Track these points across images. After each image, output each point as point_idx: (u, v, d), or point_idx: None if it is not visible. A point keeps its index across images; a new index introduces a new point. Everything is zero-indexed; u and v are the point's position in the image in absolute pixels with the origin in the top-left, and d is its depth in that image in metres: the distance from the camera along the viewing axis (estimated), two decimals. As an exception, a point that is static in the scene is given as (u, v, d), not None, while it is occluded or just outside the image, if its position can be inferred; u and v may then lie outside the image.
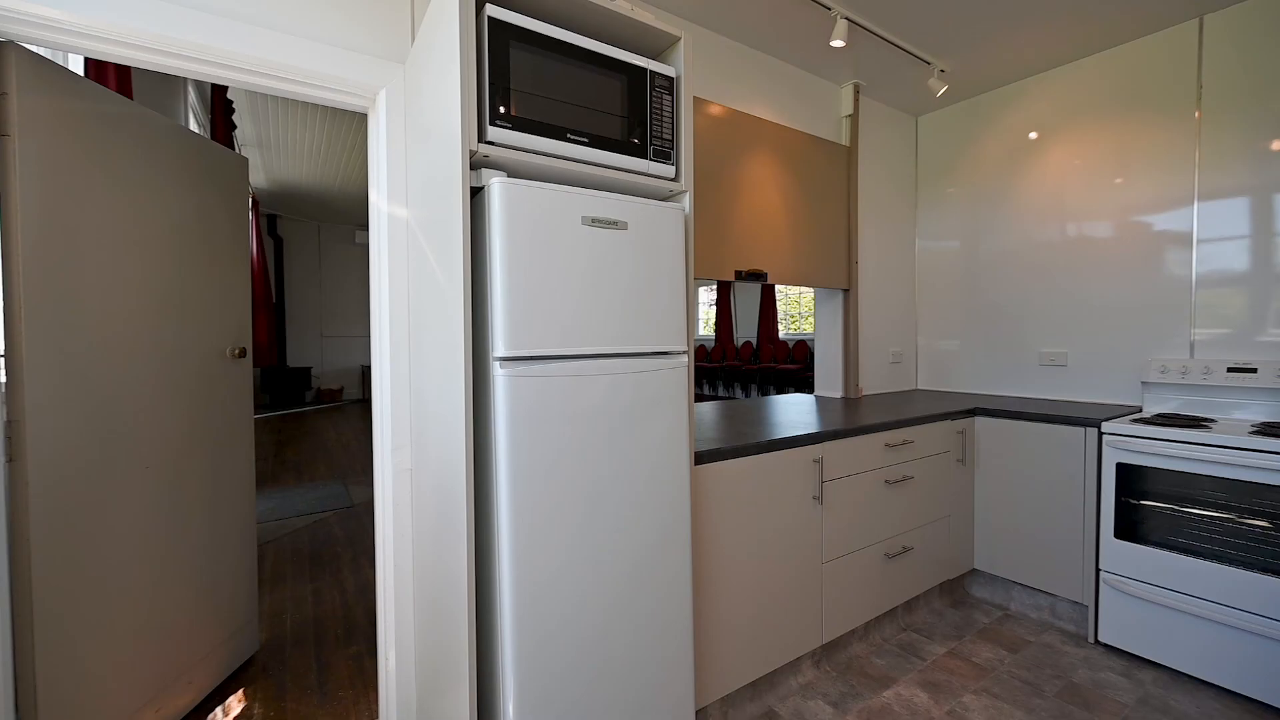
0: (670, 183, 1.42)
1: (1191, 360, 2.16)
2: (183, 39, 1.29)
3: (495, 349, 1.12)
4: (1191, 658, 1.81)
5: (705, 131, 2.18)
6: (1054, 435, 2.14)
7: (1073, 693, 1.77)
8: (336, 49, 1.47)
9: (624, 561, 1.28)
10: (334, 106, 1.57)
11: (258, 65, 1.39)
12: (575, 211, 1.21)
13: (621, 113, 1.33)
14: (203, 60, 1.34)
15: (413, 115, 1.49)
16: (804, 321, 8.86)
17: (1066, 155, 2.54)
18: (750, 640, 1.66)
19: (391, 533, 1.57)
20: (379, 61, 1.54)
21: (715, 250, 2.22)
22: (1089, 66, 2.46)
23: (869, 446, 1.96)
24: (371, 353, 1.62)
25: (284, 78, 1.43)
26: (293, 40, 1.41)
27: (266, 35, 1.38)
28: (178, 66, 1.33)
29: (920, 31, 2.26)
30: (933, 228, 3.06)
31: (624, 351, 1.29)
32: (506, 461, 1.12)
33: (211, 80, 1.40)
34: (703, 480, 1.53)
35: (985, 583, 2.41)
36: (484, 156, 1.15)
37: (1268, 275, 2.04)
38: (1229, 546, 1.76)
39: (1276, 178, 2.01)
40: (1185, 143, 2.21)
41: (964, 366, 2.94)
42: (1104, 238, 2.44)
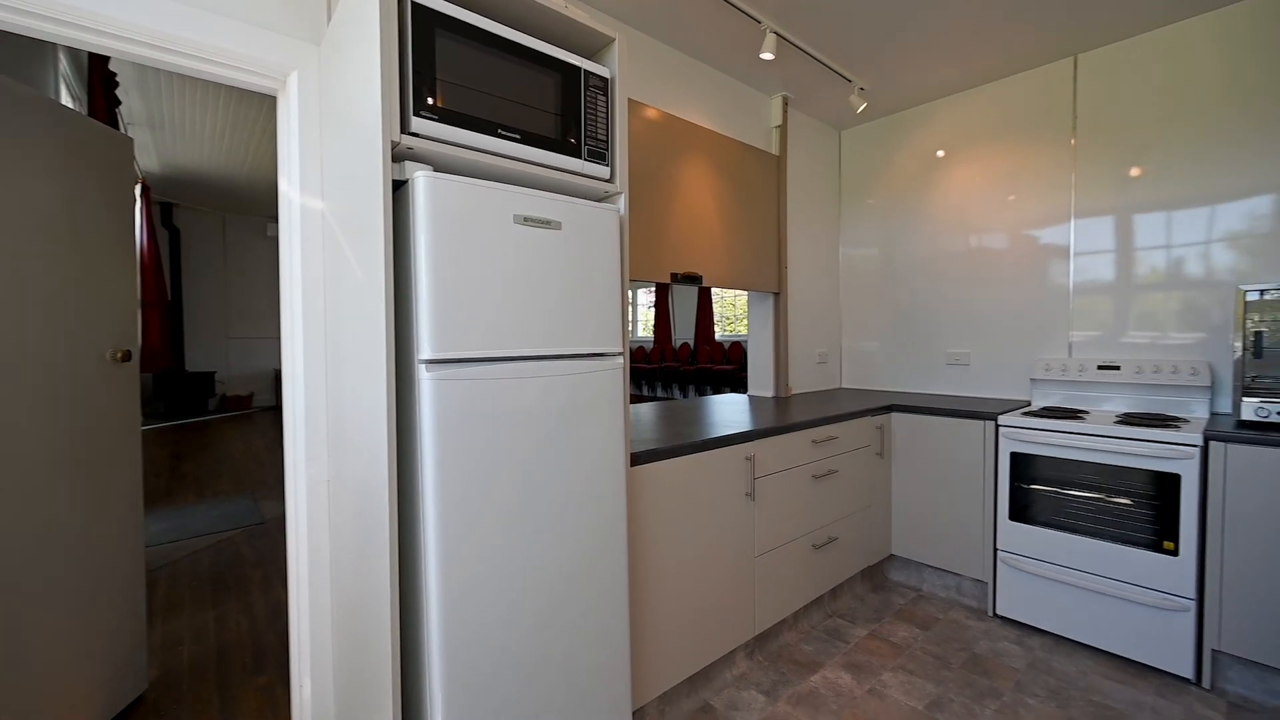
0: (605, 184, 1.42)
1: (1070, 359, 2.42)
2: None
3: (420, 351, 1.07)
4: (1071, 623, 2.03)
5: (641, 134, 2.20)
6: (959, 428, 2.33)
7: (975, 663, 1.93)
8: (241, 24, 1.36)
9: (560, 567, 1.26)
10: (238, 87, 1.44)
11: (144, 35, 1.25)
12: (506, 209, 1.18)
13: (555, 111, 1.31)
14: (75, 25, 1.19)
15: (329, 100, 1.39)
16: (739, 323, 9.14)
17: (968, 173, 2.78)
18: (687, 637, 1.68)
19: (306, 549, 1.46)
20: (290, 41, 1.43)
21: (651, 252, 2.24)
22: (986, 93, 2.71)
23: (797, 443, 2.05)
24: (282, 355, 1.50)
25: (176, 51, 1.29)
26: (189, 10, 1.28)
27: (155, 1, 1.25)
28: (40, 29, 1.17)
29: (842, 50, 2.39)
30: (855, 236, 3.25)
31: (558, 353, 1.27)
32: (433, 469, 1.07)
33: (86, 48, 1.24)
34: (640, 481, 1.54)
35: (902, 566, 2.59)
36: (407, 149, 1.10)
37: (1129, 285, 2.33)
38: (1100, 523, 1.98)
39: (1135, 200, 2.30)
40: (1063, 166, 2.48)
41: (883, 366, 3.14)
42: (1000, 249, 2.69)
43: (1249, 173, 2.06)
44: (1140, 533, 1.89)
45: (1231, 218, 2.10)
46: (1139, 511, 1.90)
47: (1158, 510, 1.86)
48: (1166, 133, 2.22)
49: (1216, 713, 1.68)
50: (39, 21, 1.16)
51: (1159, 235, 2.25)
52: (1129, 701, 1.73)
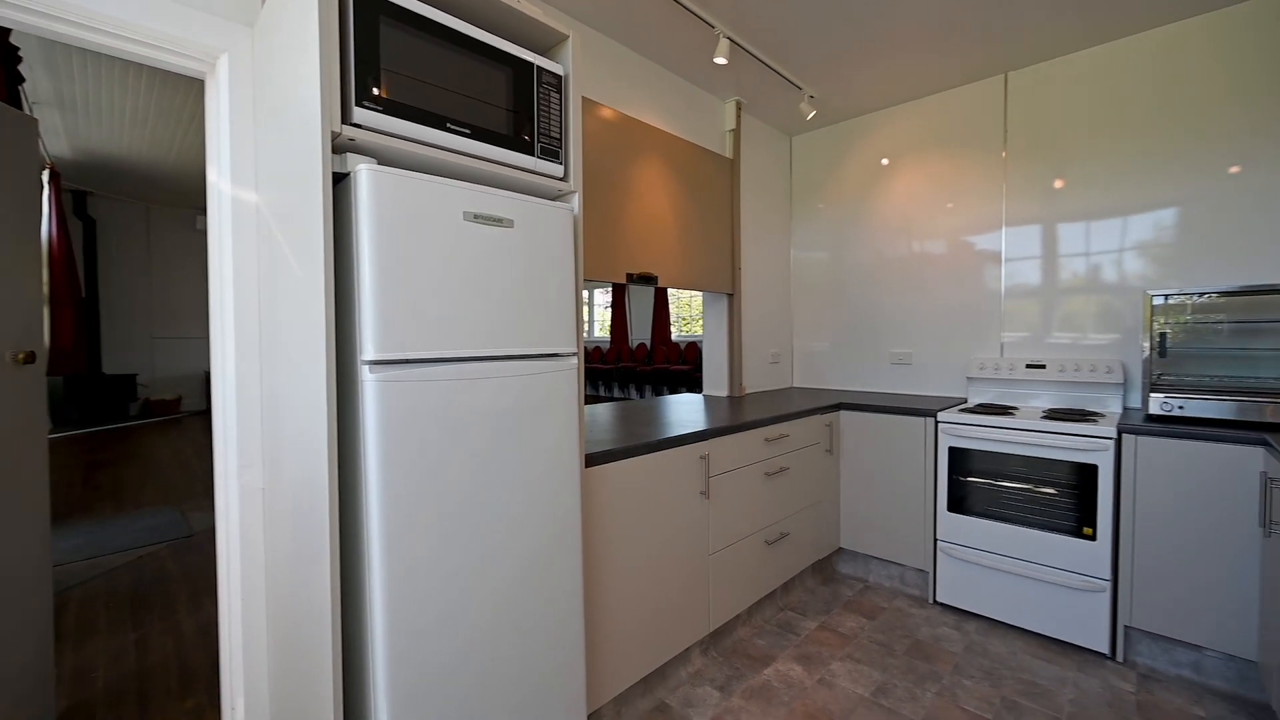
0: (559, 182, 1.40)
1: (1002, 358, 2.57)
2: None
3: (364, 352, 1.03)
4: (1004, 607, 2.16)
5: (596, 133, 2.19)
6: (902, 425, 2.44)
7: (917, 649, 2.03)
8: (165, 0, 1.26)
9: (512, 571, 1.23)
10: (161, 68, 1.34)
11: (51, 7, 1.14)
12: (456, 206, 1.14)
13: (507, 106, 1.28)
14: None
15: (264, 86, 1.31)
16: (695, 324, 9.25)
17: (911, 181, 2.92)
18: (643, 637, 1.68)
19: (238, 561, 1.38)
20: (220, 21, 1.34)
21: (607, 252, 2.23)
22: (926, 106, 2.84)
23: (751, 441, 2.09)
24: (212, 356, 1.40)
25: (90, 26, 1.19)
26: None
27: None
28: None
29: (792, 59, 2.46)
30: (805, 239, 3.35)
31: (510, 354, 1.25)
32: (378, 474, 1.03)
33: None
34: (595, 482, 1.53)
35: (850, 559, 2.68)
36: (349, 140, 1.05)
37: (1054, 289, 2.50)
38: (1029, 512, 2.12)
39: (1059, 211, 2.47)
40: (995, 177, 2.64)
41: (832, 365, 3.25)
42: (939, 254, 2.83)
43: (1156, 187, 2.25)
44: (1064, 520, 2.04)
45: (1141, 228, 2.29)
46: (1062, 500, 2.04)
47: (1079, 499, 2.00)
48: (1085, 148, 2.40)
49: (1128, 684, 1.82)
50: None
51: (1079, 243, 2.43)
52: (1054, 678, 1.85)
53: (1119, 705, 1.71)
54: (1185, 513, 1.80)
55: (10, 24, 1.14)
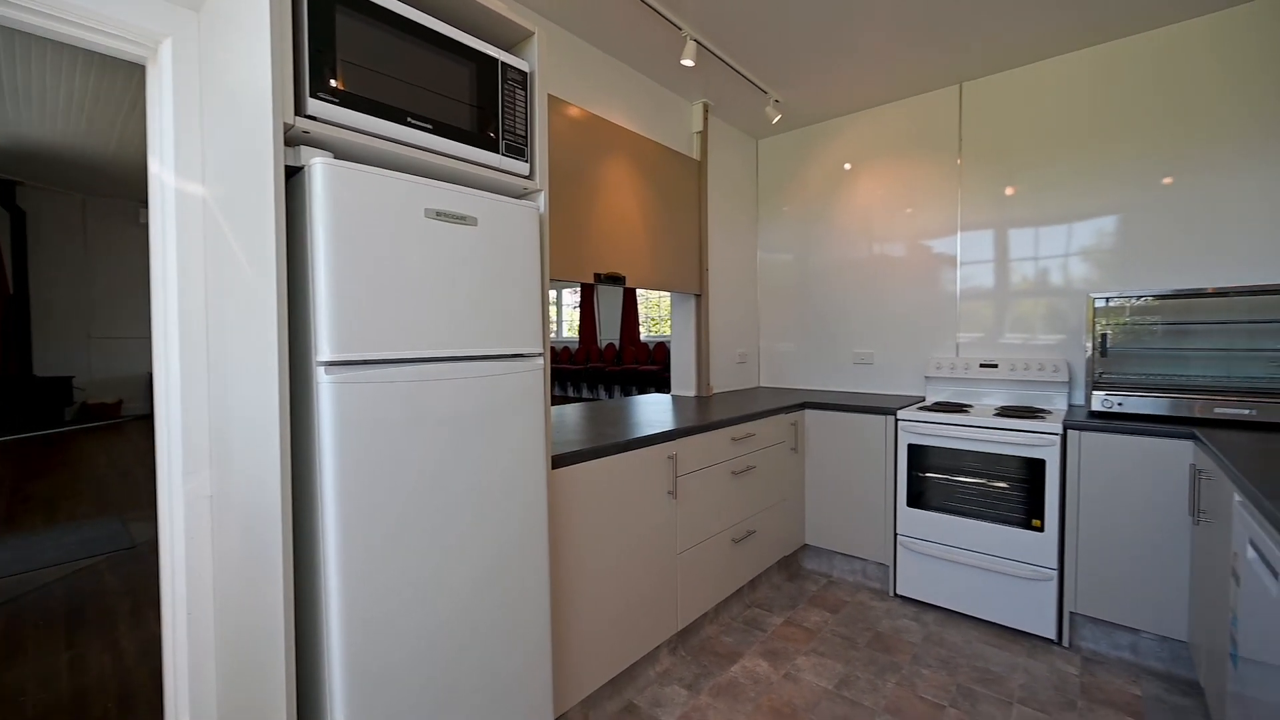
0: (524, 180, 1.39)
1: (957, 358, 2.67)
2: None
3: (319, 352, 0.99)
4: (959, 597, 2.24)
5: (563, 132, 2.17)
6: (864, 423, 2.50)
7: (878, 641, 2.08)
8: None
9: (477, 575, 1.21)
10: (97, 51, 1.26)
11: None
12: (417, 203, 1.11)
13: (471, 102, 1.26)
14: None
15: (211, 74, 1.25)
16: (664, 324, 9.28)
17: (872, 186, 3.00)
18: (611, 638, 1.68)
19: (184, 573, 1.31)
20: (163, 3, 1.27)
21: (574, 252, 2.22)
22: (886, 113, 2.93)
23: (718, 441, 2.11)
24: (154, 357, 1.33)
25: (17, 4, 1.11)
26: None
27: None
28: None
29: (758, 63, 2.50)
30: (771, 241, 3.40)
31: (474, 354, 1.22)
32: (334, 479, 0.99)
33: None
34: (561, 483, 1.52)
35: (814, 555, 2.74)
36: (303, 133, 1.01)
37: (1006, 292, 2.61)
38: (983, 505, 2.21)
39: (1010, 217, 2.59)
40: (951, 183, 2.74)
41: (797, 365, 3.31)
42: (899, 257, 2.92)
43: (1097, 196, 2.38)
44: (1015, 513, 2.13)
45: (1085, 234, 2.41)
46: (1014, 494, 2.14)
47: (1028, 492, 2.09)
48: (1034, 157, 2.52)
49: (1073, 667, 1.91)
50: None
51: (1029, 248, 2.54)
52: (1006, 664, 1.93)
53: (1064, 688, 1.80)
54: (1124, 503, 1.91)
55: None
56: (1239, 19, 2.08)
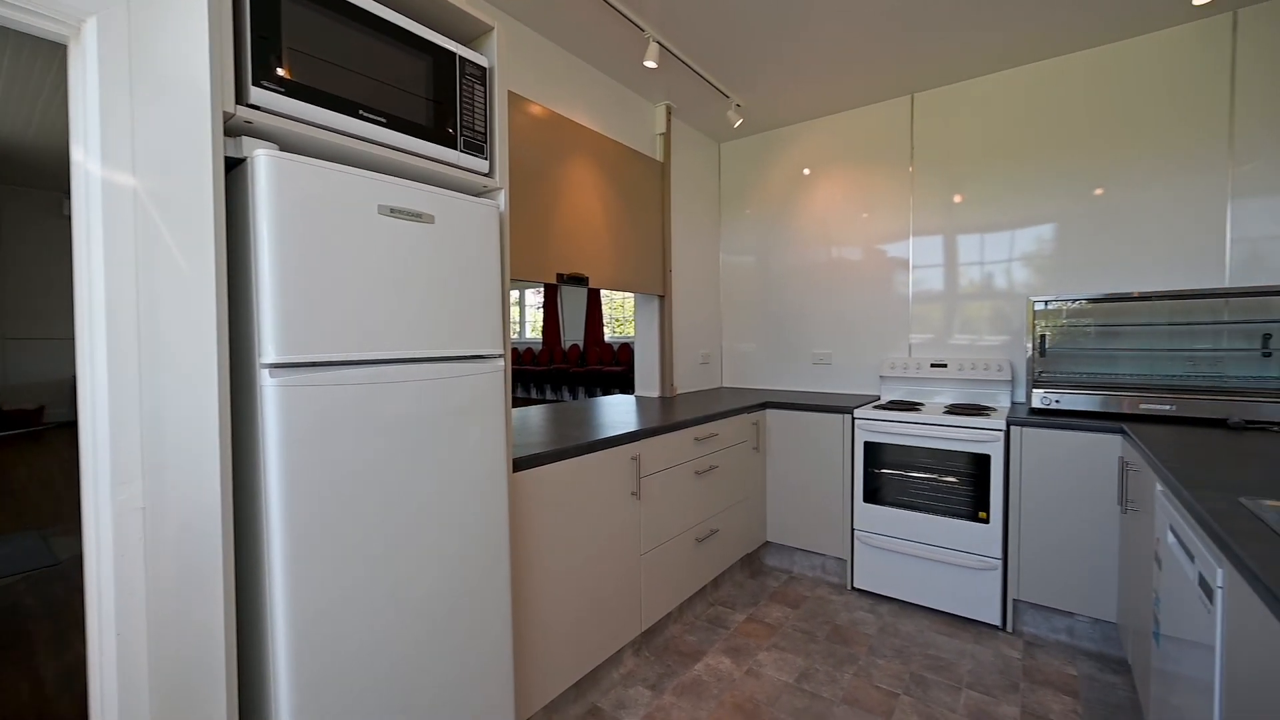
0: (484, 178, 1.36)
1: (910, 358, 2.78)
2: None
3: (264, 354, 0.94)
4: (912, 589, 2.33)
5: (525, 130, 2.14)
6: (823, 422, 2.57)
7: (837, 634, 2.14)
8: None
9: (435, 584, 1.18)
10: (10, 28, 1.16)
11: None
12: (370, 199, 1.07)
13: (428, 97, 1.22)
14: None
15: (143, 56, 1.17)
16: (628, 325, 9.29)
17: (830, 191, 3.08)
18: (574, 642, 1.66)
19: (113, 592, 1.21)
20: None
21: (536, 252, 2.19)
22: (843, 120, 3.01)
23: (681, 441, 2.12)
24: (78, 359, 1.23)
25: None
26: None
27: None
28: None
29: (720, 67, 2.52)
30: (733, 243, 3.45)
31: (432, 356, 1.19)
32: (281, 488, 0.95)
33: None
34: (523, 487, 1.49)
35: (776, 552, 2.79)
36: (245, 123, 0.96)
37: (955, 295, 2.73)
38: (934, 499, 2.30)
39: (958, 223, 2.70)
40: (903, 190, 2.84)
41: (759, 366, 3.37)
42: (856, 260, 3.01)
43: (1037, 205, 2.51)
44: (963, 506, 2.22)
45: (1026, 241, 2.55)
46: (962, 488, 2.23)
47: (975, 486, 2.19)
48: (979, 167, 2.64)
49: (1016, 651, 2.02)
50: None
51: (976, 253, 2.67)
52: (955, 651, 2.02)
53: (1008, 671, 1.89)
54: (1060, 495, 2.02)
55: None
56: (1160, 44, 2.24)
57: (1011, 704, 1.72)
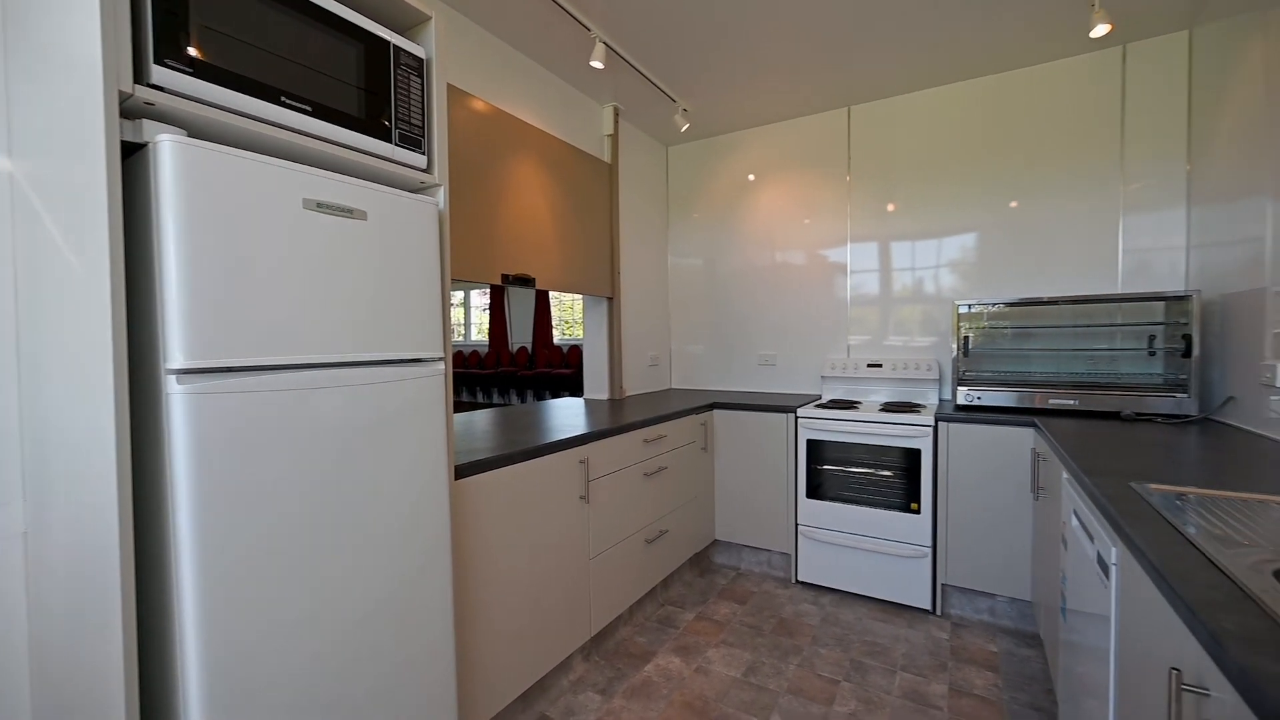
0: (422, 173, 1.30)
1: (848, 359, 2.90)
2: None
3: (169, 359, 0.86)
4: (852, 579, 2.43)
5: (468, 126, 2.07)
6: (768, 421, 2.64)
7: (782, 626, 2.20)
8: None
9: (371, 603, 1.11)
10: None
11: None
12: (294, 192, 1.00)
13: (360, 86, 1.16)
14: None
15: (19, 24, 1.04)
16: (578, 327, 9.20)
17: (774, 197, 3.17)
18: (521, 651, 1.62)
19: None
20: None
21: (481, 252, 2.12)
22: (786, 129, 3.11)
23: (630, 443, 2.12)
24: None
25: None
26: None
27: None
28: None
29: (667, 72, 2.54)
30: (681, 246, 3.48)
31: (366, 359, 1.13)
32: (191, 507, 0.87)
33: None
34: (467, 494, 1.44)
35: (724, 549, 2.84)
36: (146, 104, 0.87)
37: (889, 298, 2.87)
38: (871, 493, 2.41)
39: (891, 231, 2.85)
40: (841, 198, 2.97)
41: (707, 367, 3.42)
42: (798, 264, 3.11)
43: (960, 215, 2.68)
44: (897, 498, 2.34)
45: (951, 248, 2.71)
46: (896, 481, 2.35)
47: (908, 479, 2.32)
48: (910, 178, 2.79)
49: (944, 633, 2.14)
50: None
51: (907, 259, 2.82)
52: (890, 636, 2.12)
53: (937, 652, 2.01)
54: (981, 484, 2.17)
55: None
56: (1063, 71, 2.44)
57: (940, 682, 1.83)
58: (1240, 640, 0.58)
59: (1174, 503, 1.01)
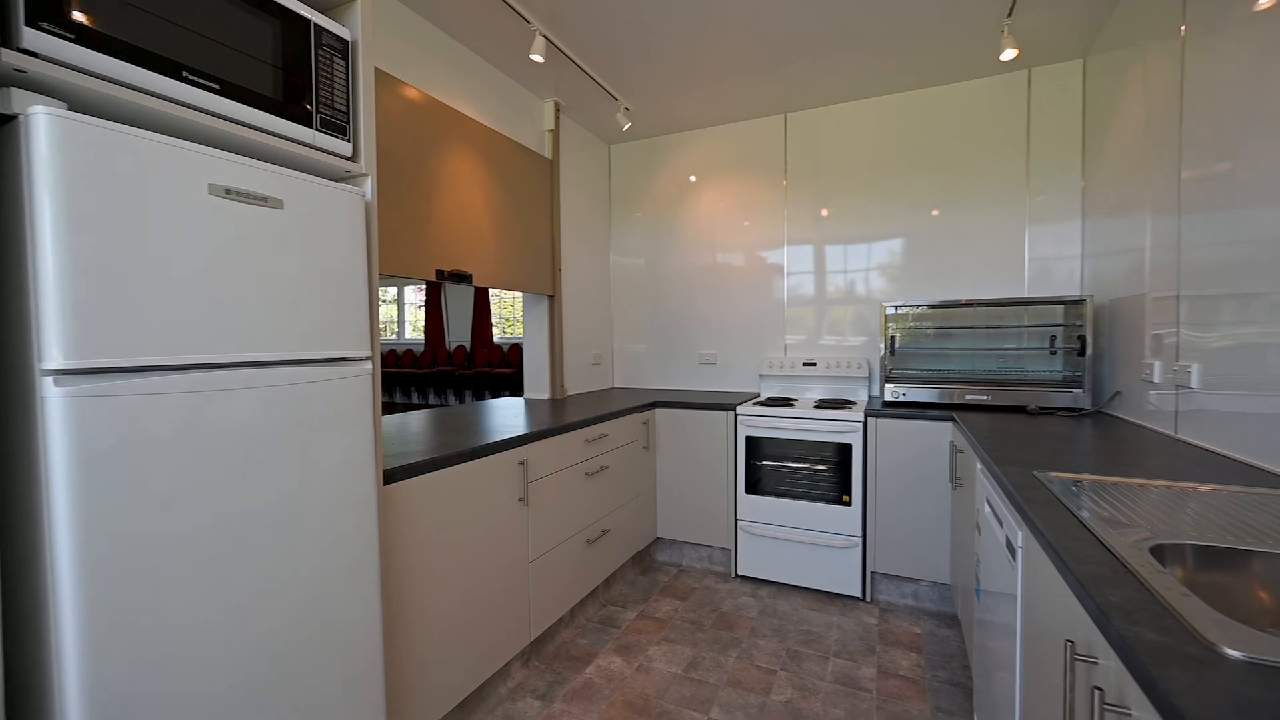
0: (347, 162, 1.23)
1: (785, 358, 3.00)
2: None
3: (44, 358, 0.76)
4: (788, 571, 2.52)
5: (400, 115, 1.98)
6: (708, 419, 2.68)
7: (722, 620, 2.25)
8: None
9: (290, 622, 1.04)
10: None
11: None
12: (198, 176, 0.92)
13: (276, 65, 1.08)
14: None
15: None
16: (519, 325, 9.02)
17: (714, 198, 3.23)
18: (457, 661, 1.57)
19: None
20: None
21: (414, 246, 2.03)
22: (727, 131, 3.18)
23: (571, 443, 2.09)
24: None
25: None
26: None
27: None
28: None
29: (609, 70, 2.53)
30: (624, 245, 3.49)
31: (282, 359, 1.05)
32: (72, 523, 0.78)
33: None
34: (397, 500, 1.38)
35: (666, 547, 2.87)
36: (16, 71, 0.77)
37: (823, 300, 2.99)
38: (806, 487, 2.50)
39: (825, 235, 2.97)
40: (779, 201, 3.07)
41: (649, 366, 3.44)
42: (739, 266, 3.18)
43: (889, 221, 2.84)
44: (830, 491, 2.45)
45: (880, 253, 2.86)
46: (830, 475, 2.46)
47: (840, 472, 2.42)
48: (842, 184, 2.92)
49: (873, 618, 2.26)
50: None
51: (840, 262, 2.95)
52: (824, 624, 2.21)
53: (867, 637, 2.11)
54: (906, 476, 2.30)
55: None
56: (977, 90, 2.63)
57: (869, 665, 1.93)
58: (1121, 611, 0.64)
59: (1071, 489, 1.11)
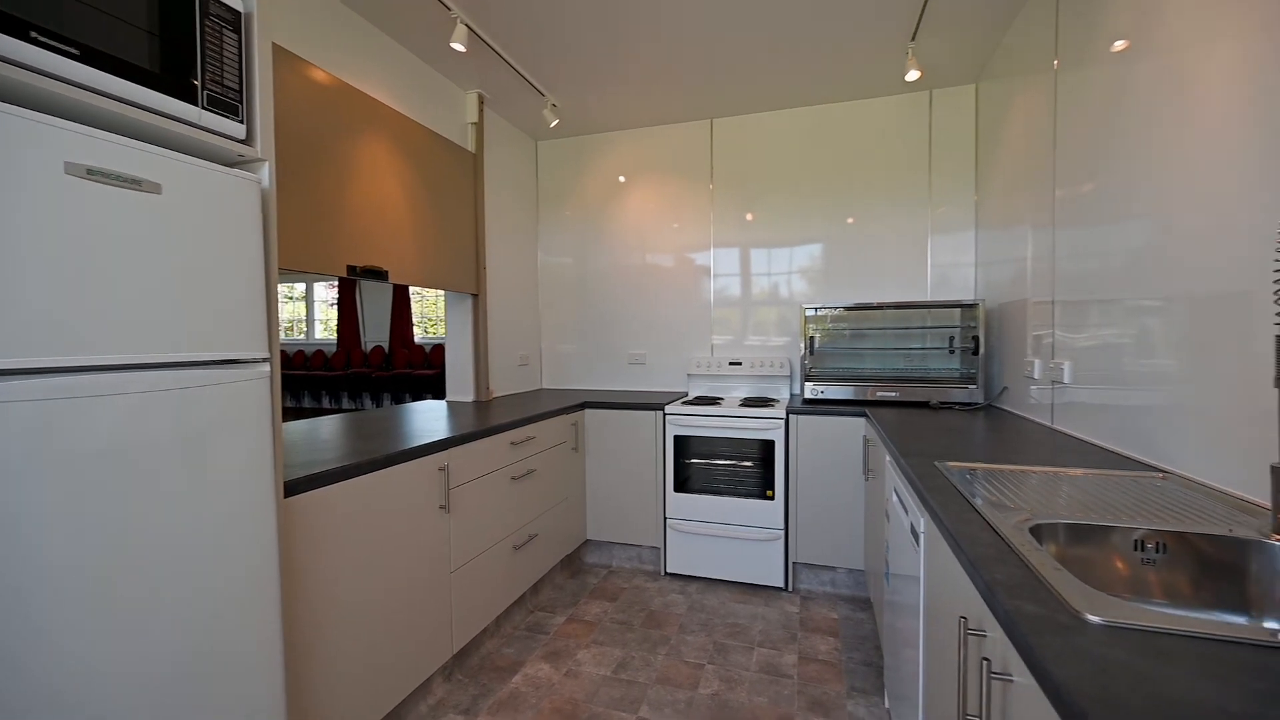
0: (240, 145, 1.12)
1: (712, 358, 3.08)
2: None
3: None
4: (715, 566, 2.58)
5: (306, 97, 1.83)
6: (637, 419, 2.70)
7: (651, 619, 2.27)
8: None
9: (172, 656, 0.93)
10: None
11: None
12: (53, 153, 0.81)
13: (153, 32, 0.96)
14: None
15: None
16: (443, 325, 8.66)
17: (643, 199, 3.25)
18: (371, 682, 1.47)
19: None
20: None
21: (321, 239, 1.89)
22: (655, 134, 3.21)
23: (495, 447, 2.03)
24: None
25: None
26: None
27: None
28: None
29: (534, 64, 2.48)
30: (552, 244, 3.43)
31: (159, 361, 0.94)
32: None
33: None
34: (302, 514, 1.27)
35: (596, 548, 2.85)
36: None
37: (749, 301, 3.09)
38: (732, 484, 2.58)
39: (750, 238, 3.07)
40: (706, 205, 3.14)
41: (578, 366, 3.41)
42: (667, 267, 3.23)
43: (808, 226, 2.98)
44: (755, 487, 2.54)
45: (801, 257, 3.00)
46: (755, 471, 2.54)
47: (764, 468, 2.52)
48: (766, 189, 3.04)
49: (795, 607, 2.37)
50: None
51: (764, 265, 3.06)
52: (749, 615, 2.29)
53: (789, 625, 2.21)
54: (824, 469, 2.43)
55: None
56: (887, 106, 2.83)
57: (791, 652, 2.01)
58: (1005, 587, 0.70)
59: (965, 477, 1.21)
